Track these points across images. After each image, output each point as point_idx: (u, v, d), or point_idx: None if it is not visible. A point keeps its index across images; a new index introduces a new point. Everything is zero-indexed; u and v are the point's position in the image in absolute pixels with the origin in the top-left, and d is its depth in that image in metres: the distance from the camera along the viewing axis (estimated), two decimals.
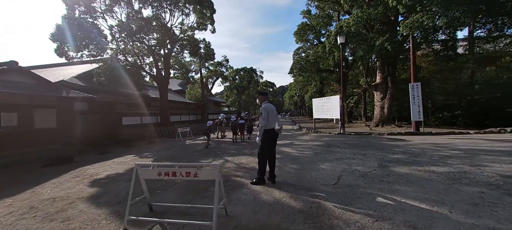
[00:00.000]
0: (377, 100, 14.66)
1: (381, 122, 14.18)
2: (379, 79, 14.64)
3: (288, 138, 11.33)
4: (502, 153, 5.45)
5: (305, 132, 14.21)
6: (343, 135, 11.16)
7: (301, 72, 22.75)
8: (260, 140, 4.19)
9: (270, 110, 4.20)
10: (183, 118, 21.59)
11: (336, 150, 7.01)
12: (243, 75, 34.28)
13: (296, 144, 8.96)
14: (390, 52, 12.13)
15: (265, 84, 65.47)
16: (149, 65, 16.86)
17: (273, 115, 4.22)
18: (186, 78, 19.54)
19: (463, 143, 7.30)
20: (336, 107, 12.10)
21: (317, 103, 14.22)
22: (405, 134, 10.09)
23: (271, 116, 4.19)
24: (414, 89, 10.99)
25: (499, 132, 9.20)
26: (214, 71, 23.90)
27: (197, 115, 24.77)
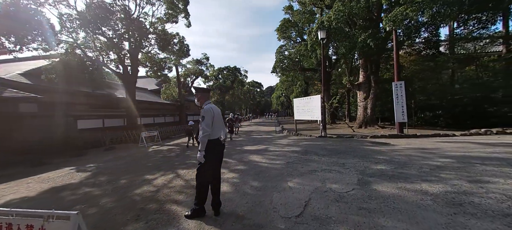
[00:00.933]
0: (360, 100, 13.99)
1: (364, 123, 13.51)
2: (362, 78, 13.98)
3: (265, 142, 10.24)
4: (500, 162, 4.66)
5: (286, 135, 13.20)
6: (324, 139, 10.24)
7: (284, 71, 21.85)
8: (202, 156, 3.01)
9: (215, 112, 3.03)
10: (158, 120, 19.88)
11: (312, 159, 5.97)
12: (227, 75, 32.87)
13: (270, 150, 7.85)
14: (373, 49, 11.43)
15: (252, 84, 64.58)
16: (115, 61, 15.07)
17: (218, 120, 3.04)
18: (159, 76, 17.86)
19: (452, 148, 6.55)
20: (318, 107, 11.20)
21: (298, 103, 13.27)
22: (389, 136, 9.34)
23: (216, 121, 3.01)
24: (397, 88, 10.32)
25: (485, 133, 8.69)
26: (192, 69, 22.33)
27: (175, 116, 23.09)
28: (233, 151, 8.02)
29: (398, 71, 10.61)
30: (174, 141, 13.78)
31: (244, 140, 11.63)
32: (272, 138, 11.95)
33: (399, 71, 10.80)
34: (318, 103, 11.11)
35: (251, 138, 12.25)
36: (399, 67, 10.76)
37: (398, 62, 10.62)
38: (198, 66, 23.42)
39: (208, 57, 24.07)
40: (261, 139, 11.83)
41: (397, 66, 10.56)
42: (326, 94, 19.44)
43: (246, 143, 10.35)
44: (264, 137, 12.81)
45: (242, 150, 8.26)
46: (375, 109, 13.63)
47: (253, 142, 10.55)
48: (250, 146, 9.09)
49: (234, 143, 10.60)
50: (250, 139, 11.79)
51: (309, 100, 12.05)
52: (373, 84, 13.18)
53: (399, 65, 10.80)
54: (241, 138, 12.48)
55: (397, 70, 10.54)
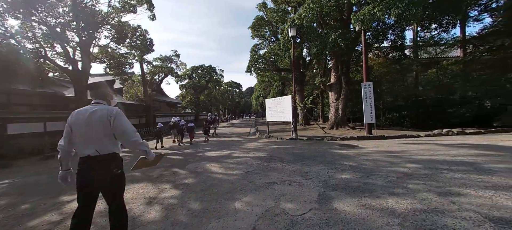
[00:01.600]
0: (332, 101, 13.88)
1: (336, 124, 13.40)
2: (334, 79, 13.88)
3: (233, 146, 9.39)
4: (466, 167, 4.40)
5: (257, 137, 12.50)
6: (295, 141, 9.72)
7: (259, 71, 21.23)
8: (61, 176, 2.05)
9: (79, 119, 1.95)
10: None
11: (274, 167, 5.28)
12: (201, 74, 31.29)
13: (233, 156, 7.02)
14: (343, 49, 11.27)
15: (231, 84, 63.26)
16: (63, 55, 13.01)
17: (84, 129, 1.93)
18: (119, 73, 16.01)
19: (418, 150, 6.36)
20: (289, 108, 10.68)
21: (270, 103, 12.67)
22: (358, 138, 9.12)
23: (78, 130, 1.94)
24: (366, 89, 10.22)
25: (447, 134, 8.88)
26: (160, 67, 20.59)
27: (141, 118, 21.09)
28: (191, 158, 7.04)
29: (367, 72, 10.53)
30: None
31: (211, 143, 10.66)
32: (242, 141, 11.15)
33: (368, 73, 10.75)
34: (289, 104, 10.60)
35: (220, 142, 11.32)
36: (368, 68, 10.71)
37: (367, 63, 10.55)
38: (167, 64, 21.71)
39: (178, 54, 22.47)
40: (230, 142, 10.96)
41: (366, 67, 10.48)
42: (300, 95, 19.26)
43: (212, 147, 9.40)
44: (234, 140, 11.95)
45: (202, 156, 7.31)
46: (346, 110, 13.61)
47: (219, 146, 9.64)
48: (214, 152, 8.17)
49: (198, 147, 9.58)
50: (218, 143, 10.85)
51: (280, 101, 11.51)
52: (344, 85, 13.12)
53: (368, 66, 10.75)
54: (210, 141, 11.47)
55: (366, 71, 10.46)
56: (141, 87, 19.05)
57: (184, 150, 9.19)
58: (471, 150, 5.85)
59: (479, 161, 4.75)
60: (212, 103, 42.78)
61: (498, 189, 3.18)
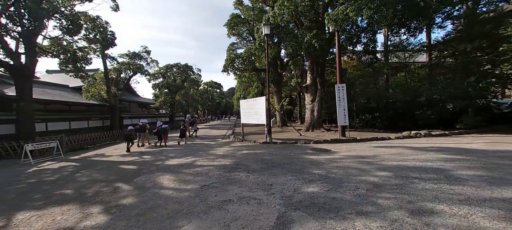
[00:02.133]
0: (308, 102, 13.68)
1: (311, 126, 13.21)
2: (309, 80, 13.71)
3: (200, 151, 8.57)
4: (436, 175, 4.17)
5: (231, 141, 11.78)
6: (268, 145, 9.19)
7: (237, 70, 20.50)
8: None
9: None
10: (78, 125, 15.85)
11: (237, 179, 4.63)
12: (176, 72, 29.61)
13: (195, 165, 6.24)
14: (318, 50, 11.06)
15: (211, 84, 61.51)
16: None
17: None
18: (76, 70, 14.19)
19: (389, 155, 6.17)
20: (263, 110, 10.13)
21: (245, 105, 12.04)
22: (332, 141, 8.87)
23: None
24: (340, 90, 10.07)
25: (416, 136, 9.02)
26: (127, 64, 18.83)
27: (104, 120, 19.12)
28: (146, 168, 6.12)
29: (340, 73, 10.41)
30: (95, 150, 10.83)
31: (178, 149, 9.70)
32: (213, 145, 10.35)
33: (342, 75, 10.65)
34: (264, 105, 10.06)
35: (189, 146, 10.39)
36: (341, 70, 10.60)
37: (340, 65, 10.43)
38: (137, 61, 19.97)
39: (148, 50, 20.79)
40: (199, 146, 10.10)
41: (339, 68, 10.35)
42: (278, 96, 18.95)
43: (177, 153, 8.48)
44: (205, 144, 11.09)
45: (160, 166, 6.41)
46: (321, 111, 13.49)
47: (186, 151, 8.75)
48: (176, 159, 7.29)
49: (161, 153, 8.59)
50: (186, 148, 9.93)
51: (255, 102, 10.93)
52: (319, 86, 12.98)
53: (341, 68, 10.64)
54: (176, 147, 10.47)
55: (339, 72, 10.33)
56: (103, 86, 17.17)
57: (143, 157, 8.15)
58: (439, 154, 5.78)
59: (449, 167, 4.59)
60: (190, 103, 41.01)
61: (472, 204, 2.88)
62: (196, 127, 16.10)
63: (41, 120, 13.43)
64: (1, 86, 13.70)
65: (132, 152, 9.43)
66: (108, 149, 11.25)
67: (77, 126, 15.98)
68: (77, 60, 13.73)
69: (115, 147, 11.63)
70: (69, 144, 11.76)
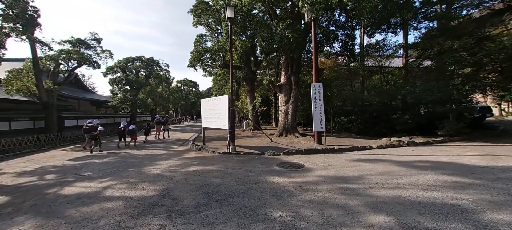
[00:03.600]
0: (282, 103, 12.13)
1: (285, 130, 11.66)
2: (284, 79, 12.17)
3: (136, 165, 6.34)
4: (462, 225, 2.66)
5: (186, 149, 9.63)
6: (227, 158, 7.28)
7: (205, 66, 18.26)
8: None
9: None
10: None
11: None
12: (139, 66, 26.16)
13: (105, 195, 4.09)
14: (292, 43, 9.53)
15: (185, 82, 57.64)
16: None
17: None
18: None
19: (377, 175, 4.71)
20: (225, 111, 8.22)
21: (205, 105, 10.00)
22: (305, 152, 7.29)
23: None
24: (316, 90, 8.61)
25: (399, 144, 7.90)
26: (67, 52, 15.39)
27: (36, 120, 15.44)
28: (18, 201, 3.80)
29: (317, 70, 8.98)
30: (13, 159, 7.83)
31: (109, 160, 7.30)
32: (160, 156, 8.12)
33: (319, 73, 9.23)
34: (226, 106, 8.14)
35: (132, 156, 8.03)
36: (318, 68, 9.17)
37: (316, 60, 9.00)
38: (83, 49, 16.57)
39: (99, 39, 17.43)
40: (142, 157, 7.81)
41: (315, 64, 8.91)
42: (251, 96, 17.18)
43: (98, 168, 6.14)
44: (152, 153, 8.79)
45: (48, 195, 4.13)
46: (296, 114, 12.04)
47: (112, 166, 6.43)
48: (85, 183, 5.02)
49: (80, 168, 6.15)
50: (124, 158, 7.57)
51: (216, 102, 8.96)
52: (294, 86, 11.50)
53: (318, 65, 9.22)
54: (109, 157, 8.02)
55: (316, 69, 8.88)
56: (32, 78, 13.65)
57: (44, 177, 5.67)
58: (439, 175, 4.46)
59: (466, 202, 3.18)
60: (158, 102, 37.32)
61: None
62: (168, 127, 15.29)
63: None
64: None
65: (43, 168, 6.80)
66: (31, 157, 8.33)
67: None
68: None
69: (28, 159, 8.73)
70: None
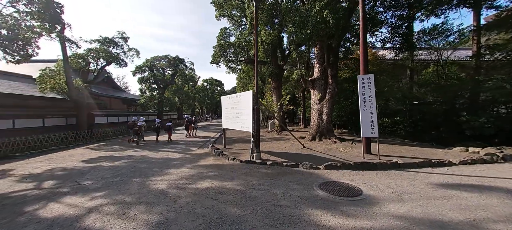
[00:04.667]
0: (315, 101, 10.28)
1: (319, 133, 9.80)
2: (317, 72, 10.29)
3: (145, 172, 5.26)
4: None
5: (205, 153, 8.45)
6: (250, 169, 5.80)
7: (228, 62, 17.16)
8: None
9: None
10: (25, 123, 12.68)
11: None
12: (165, 65, 26.37)
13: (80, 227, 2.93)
14: (331, 27, 7.65)
15: (211, 81, 58.40)
16: None
17: None
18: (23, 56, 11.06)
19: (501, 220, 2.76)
20: (248, 110, 6.78)
21: (227, 103, 8.69)
22: (356, 167, 5.41)
23: None
24: (365, 84, 6.66)
25: (492, 159, 5.53)
26: (96, 51, 15.62)
27: (68, 117, 15.99)
28: None
29: (365, 59, 6.98)
30: (13, 162, 7.67)
31: (113, 167, 6.42)
32: (174, 160, 7.02)
33: (367, 62, 7.19)
34: (249, 104, 6.70)
35: (140, 158, 7.11)
36: (366, 55, 7.15)
37: (365, 45, 6.99)
38: (111, 48, 16.78)
39: (126, 37, 17.53)
40: (152, 162, 6.80)
41: (364, 50, 6.92)
42: (277, 94, 15.55)
43: (100, 179, 5.20)
44: (167, 157, 7.79)
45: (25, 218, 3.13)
46: (332, 114, 10.08)
47: (116, 174, 5.46)
48: (64, 201, 4.02)
49: (76, 177, 5.30)
50: (130, 163, 6.66)
51: (238, 99, 7.56)
52: (331, 80, 9.56)
53: (366, 51, 7.20)
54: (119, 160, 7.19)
55: (364, 57, 6.91)
56: (63, 76, 14.01)
57: (37, 187, 4.88)
58: None
59: None
60: (184, 101, 37.80)
61: None
62: (196, 126, 16.19)
63: None
64: None
65: (51, 170, 6.18)
66: (33, 160, 8.05)
67: (26, 125, 12.82)
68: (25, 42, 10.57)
69: (46, 158, 8.42)
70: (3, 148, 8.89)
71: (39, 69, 14.49)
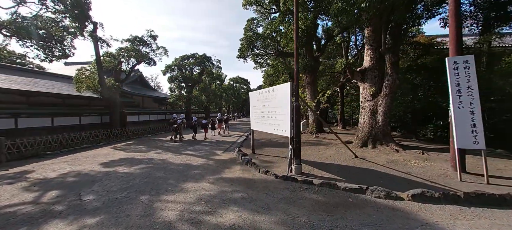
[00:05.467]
0: (365, 98, 8.18)
1: (371, 137, 7.71)
2: (369, 60, 8.15)
3: (160, 186, 4.12)
4: None
5: (232, 157, 7.13)
6: (289, 190, 4.18)
7: (256, 56, 15.76)
8: None
9: None
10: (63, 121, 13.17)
11: None
12: (192, 63, 26.24)
13: None
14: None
15: (237, 80, 58.26)
16: None
17: None
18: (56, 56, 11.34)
19: None
20: (285, 108, 5.18)
21: (256, 100, 7.22)
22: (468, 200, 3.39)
23: None
24: (459, 70, 4.53)
25: None
26: (126, 50, 15.70)
27: (103, 116, 16.47)
28: None
29: (458, 34, 4.80)
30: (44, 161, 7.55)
31: (126, 174, 5.48)
32: (195, 169, 5.84)
33: (460, 39, 4.95)
34: (286, 100, 5.10)
35: (160, 163, 6.12)
36: (460, 26, 4.94)
37: (458, 9, 4.80)
38: (140, 46, 16.81)
39: (155, 35, 17.40)
40: (169, 171, 5.72)
41: (456, 21, 4.75)
42: (311, 89, 13.60)
43: (102, 191, 4.21)
44: (188, 163, 6.68)
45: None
46: (390, 113, 7.85)
47: (120, 188, 4.42)
48: (47, 227, 2.96)
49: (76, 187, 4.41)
50: (146, 170, 5.67)
51: (271, 94, 6.01)
52: (390, 69, 7.38)
53: (460, 20, 4.98)
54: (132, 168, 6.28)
55: (456, 30, 4.74)
56: (96, 75, 14.28)
57: (35, 201, 4.06)
58: None
59: None
60: (211, 99, 37.84)
61: None
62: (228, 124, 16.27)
63: (11, 115, 10.87)
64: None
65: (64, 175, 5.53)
66: (57, 160, 7.73)
67: (64, 123, 13.30)
68: (48, 39, 10.71)
69: (71, 158, 8.07)
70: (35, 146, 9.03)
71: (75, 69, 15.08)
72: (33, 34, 10.19)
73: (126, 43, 16.34)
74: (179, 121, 11.69)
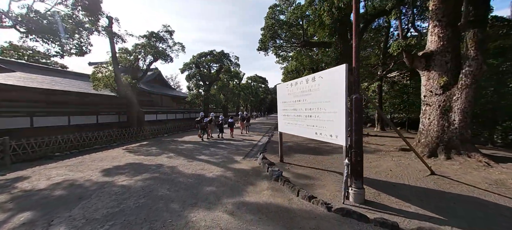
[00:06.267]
0: (431, 91, 6.13)
1: (443, 144, 5.68)
2: (437, 41, 6.09)
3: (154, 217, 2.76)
4: None
5: (254, 167, 5.61)
6: None
7: (278, 49, 14.12)
8: None
9: None
10: (80, 120, 12.77)
11: None
12: (210, 61, 25.31)
13: None
14: None
15: (255, 78, 56.92)
16: None
17: None
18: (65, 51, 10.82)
19: None
20: (338, 104, 3.54)
21: (287, 95, 5.60)
22: None
23: None
24: None
25: None
26: (143, 46, 15.01)
27: (121, 115, 16.05)
28: None
29: None
30: (55, 162, 6.82)
31: (125, 188, 4.24)
32: (209, 182, 4.44)
33: None
34: (339, 90, 3.46)
35: (168, 172, 4.84)
36: None
37: None
38: (156, 43, 16.08)
39: (171, 31, 16.56)
40: (178, 184, 4.39)
41: None
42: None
43: (88, 212, 2.95)
44: (202, 173, 5.32)
45: None
46: (471, 111, 5.73)
47: (113, 207, 3.13)
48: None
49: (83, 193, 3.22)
50: (150, 182, 4.42)
51: (312, 85, 4.36)
52: (474, 51, 5.30)
53: None
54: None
55: None
56: (112, 72, 13.74)
57: None
58: None
59: None
60: (229, 98, 36.90)
61: None
62: (249, 123, 16.02)
63: (27, 113, 10.56)
64: None
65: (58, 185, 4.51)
66: (66, 163, 6.90)
67: (80, 121, 12.92)
68: (53, 33, 10.12)
69: (78, 161, 7.22)
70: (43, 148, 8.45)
71: (93, 67, 14.75)
72: (47, 30, 9.65)
73: (142, 39, 15.69)
74: (206, 120, 11.83)
